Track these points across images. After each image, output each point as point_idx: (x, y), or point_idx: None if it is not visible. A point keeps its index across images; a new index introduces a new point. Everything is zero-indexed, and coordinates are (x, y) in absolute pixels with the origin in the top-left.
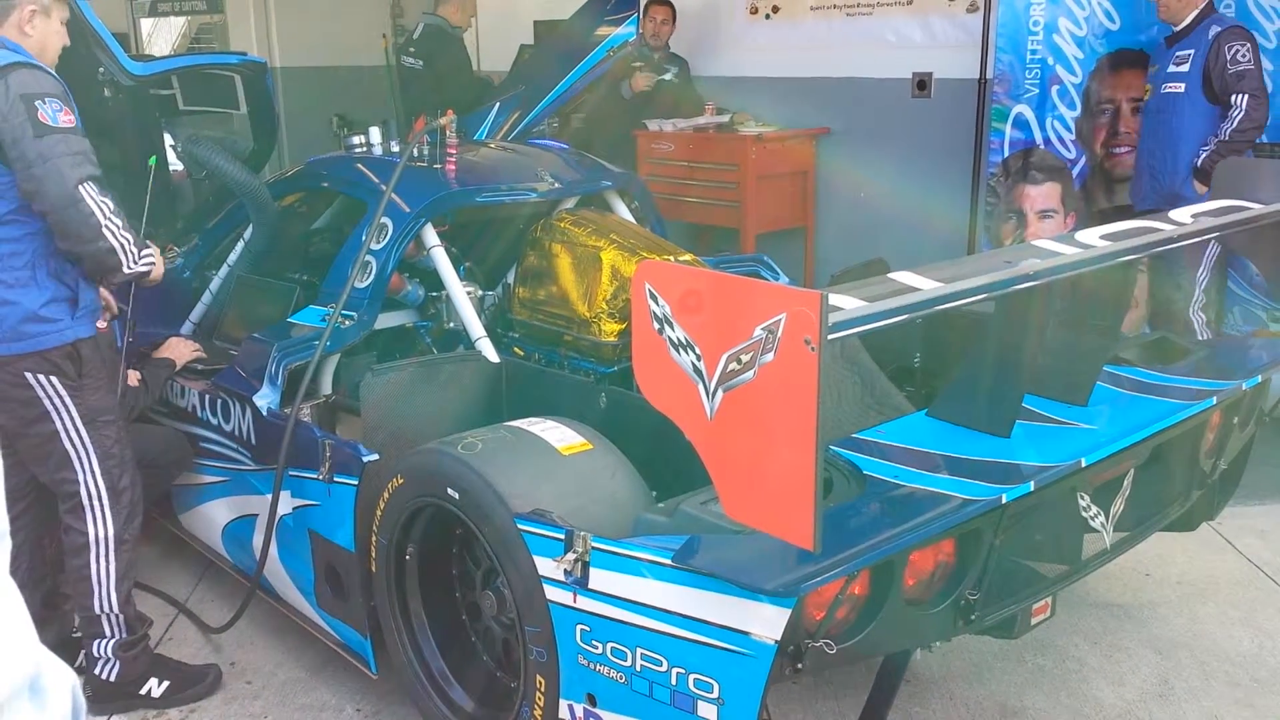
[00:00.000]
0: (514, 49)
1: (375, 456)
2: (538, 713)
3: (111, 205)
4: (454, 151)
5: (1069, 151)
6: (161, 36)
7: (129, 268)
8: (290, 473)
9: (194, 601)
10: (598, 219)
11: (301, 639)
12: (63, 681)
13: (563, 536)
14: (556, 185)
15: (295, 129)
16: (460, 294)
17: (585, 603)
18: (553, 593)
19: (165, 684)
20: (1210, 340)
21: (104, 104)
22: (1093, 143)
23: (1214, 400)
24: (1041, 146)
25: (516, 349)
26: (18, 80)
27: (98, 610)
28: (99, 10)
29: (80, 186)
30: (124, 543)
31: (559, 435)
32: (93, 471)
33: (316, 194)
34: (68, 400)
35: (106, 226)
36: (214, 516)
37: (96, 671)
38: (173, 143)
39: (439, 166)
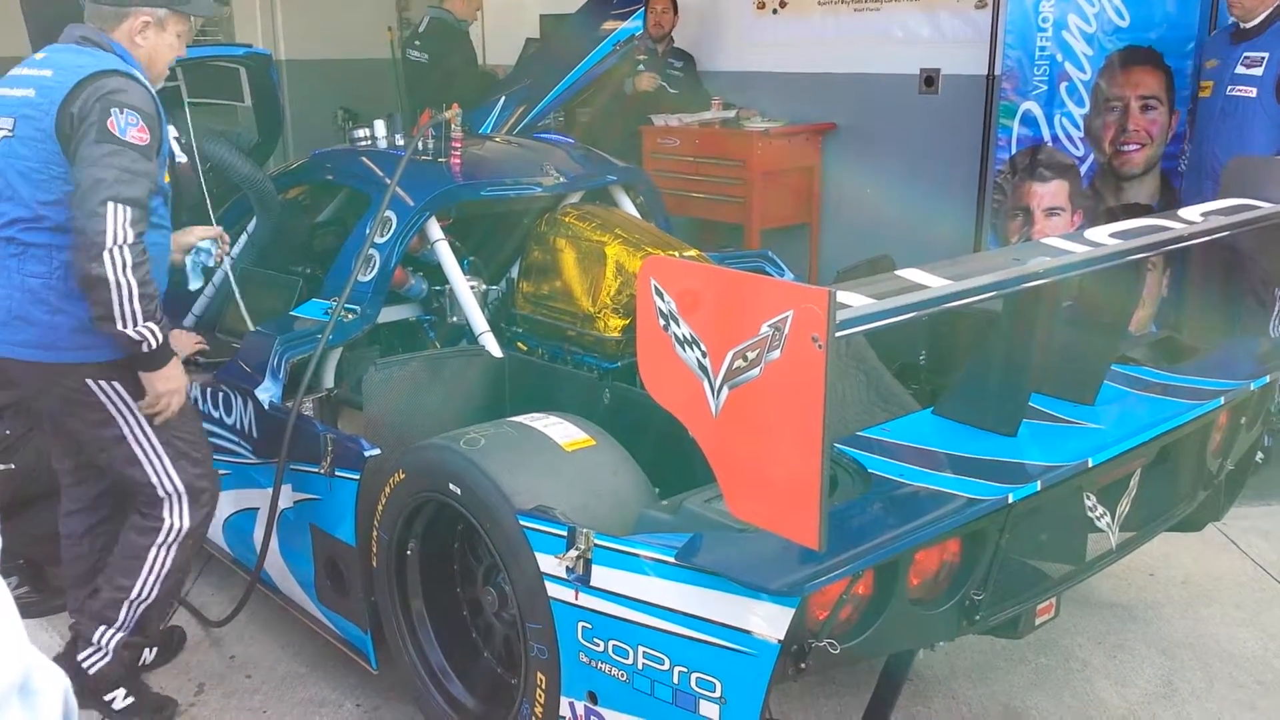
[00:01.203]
0: (520, 43)
1: (377, 451)
2: (538, 710)
3: (133, 241)
4: (459, 145)
5: (1077, 149)
6: None
7: (118, 322)
8: (292, 467)
9: (194, 595)
10: (603, 214)
11: (301, 634)
12: (54, 683)
13: (565, 533)
14: (561, 180)
15: (300, 122)
16: (464, 288)
17: (587, 600)
18: (554, 590)
19: (130, 699)
20: (1218, 341)
21: None
22: (1101, 141)
23: (1221, 400)
24: (1049, 144)
25: (520, 344)
26: (107, 85)
27: (133, 595)
28: None
29: (109, 203)
30: (190, 537)
31: (562, 431)
32: (166, 473)
33: (321, 187)
34: (131, 404)
35: (110, 252)
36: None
37: (79, 658)
38: (177, 135)
39: (444, 160)
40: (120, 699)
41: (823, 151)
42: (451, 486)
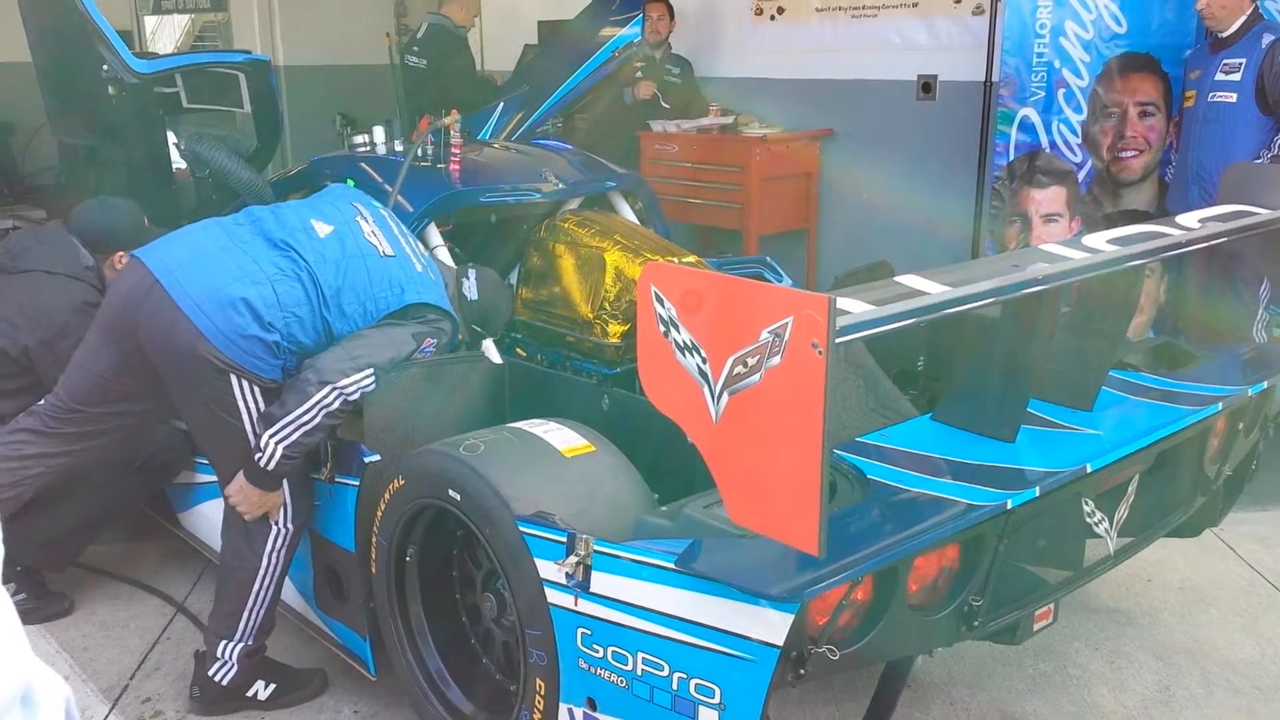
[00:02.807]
0: (518, 49)
1: (376, 457)
2: (537, 716)
3: (354, 397)
4: (458, 151)
5: (1075, 155)
6: (165, 34)
7: (273, 427)
8: None
9: (192, 601)
10: (602, 220)
11: (299, 639)
12: (56, 693)
13: (565, 539)
14: (560, 186)
15: (299, 128)
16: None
17: (586, 606)
18: (554, 596)
19: (272, 686)
20: (1216, 346)
21: (108, 101)
22: (1099, 147)
23: (1220, 406)
24: (1047, 150)
25: (519, 350)
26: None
27: (250, 604)
28: (103, 7)
29: (370, 368)
30: (296, 538)
31: (561, 437)
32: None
33: None
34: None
35: (335, 388)
36: (213, 516)
37: (210, 672)
38: (176, 141)
39: (443, 166)
40: (262, 690)
41: (821, 157)
42: (451, 492)
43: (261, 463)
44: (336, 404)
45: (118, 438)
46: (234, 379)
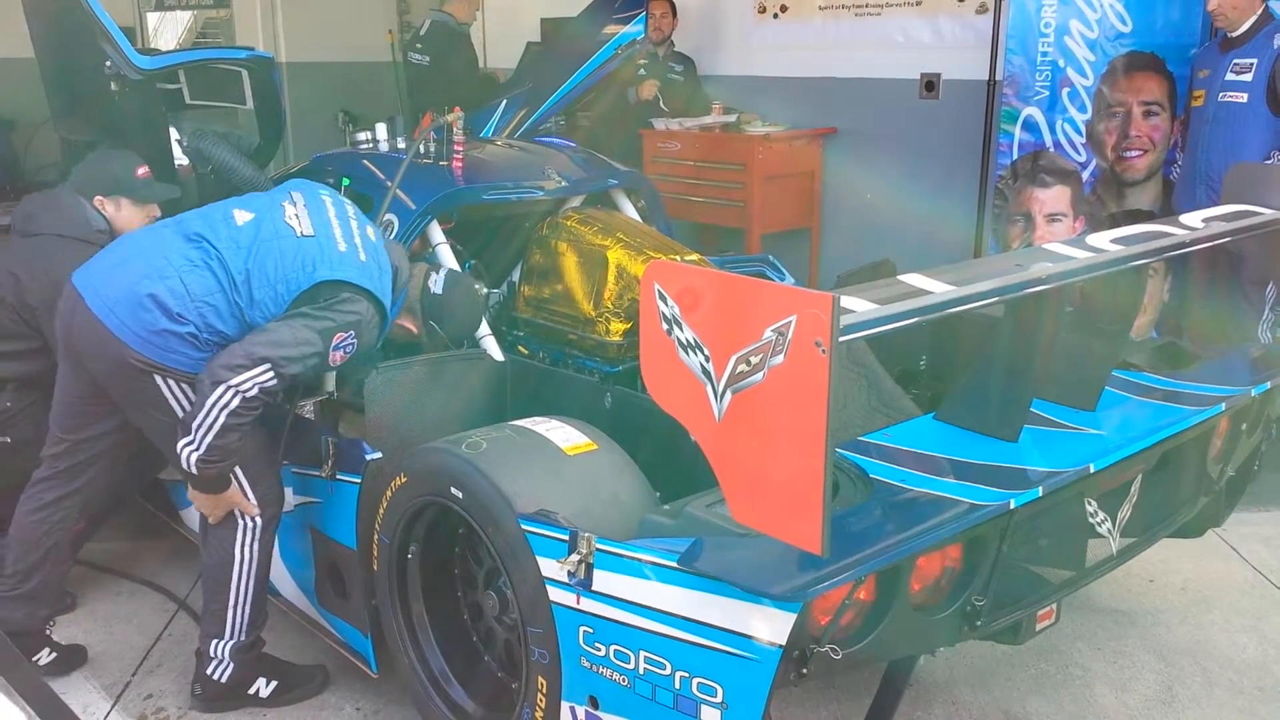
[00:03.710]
0: (521, 46)
1: (378, 455)
2: (539, 714)
3: (253, 396)
4: (460, 148)
5: (1079, 155)
6: (168, 31)
7: (187, 434)
8: (293, 470)
9: (194, 598)
10: (604, 218)
11: (302, 637)
12: None
13: (567, 538)
14: (563, 183)
15: (301, 124)
16: None
17: (589, 604)
18: (556, 594)
19: (273, 684)
20: (1219, 347)
21: (111, 98)
22: (1104, 146)
23: (1223, 406)
24: (1051, 149)
25: (521, 348)
26: None
27: (232, 599)
28: (106, 3)
29: (269, 361)
30: (267, 531)
31: (564, 435)
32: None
33: None
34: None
35: (230, 387)
36: None
37: (209, 671)
38: (178, 137)
39: (445, 163)
40: (264, 687)
41: (824, 156)
42: (453, 490)
43: (186, 471)
44: (235, 402)
45: (113, 457)
46: (158, 379)
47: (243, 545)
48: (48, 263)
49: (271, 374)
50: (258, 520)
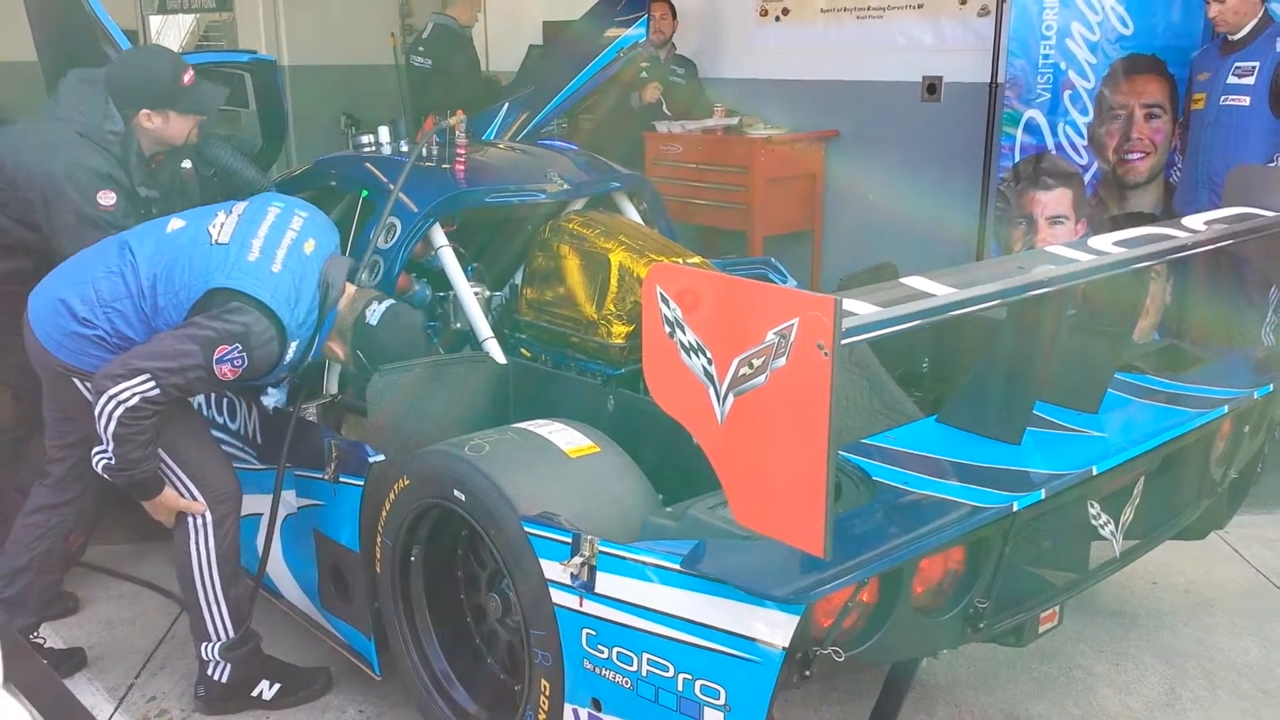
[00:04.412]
0: (523, 49)
1: (381, 457)
2: (542, 716)
3: (137, 405)
4: (463, 151)
5: (1081, 157)
6: (170, 34)
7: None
8: (296, 472)
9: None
10: (606, 220)
11: (304, 639)
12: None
13: (569, 540)
14: (565, 186)
15: (304, 128)
16: (468, 294)
17: (591, 607)
18: (559, 596)
19: (276, 686)
20: (1221, 349)
21: None
22: (1105, 149)
23: (1225, 409)
24: (1053, 152)
25: (524, 350)
26: None
27: (202, 599)
28: (109, 7)
29: (150, 371)
30: (220, 526)
31: (566, 438)
32: (167, 464)
33: (325, 193)
34: None
35: (113, 396)
36: None
37: (209, 673)
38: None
39: (448, 166)
40: (267, 689)
41: (825, 159)
42: (456, 493)
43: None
44: (119, 412)
45: None
46: (77, 383)
47: (195, 544)
48: (52, 155)
49: (152, 384)
50: (206, 517)
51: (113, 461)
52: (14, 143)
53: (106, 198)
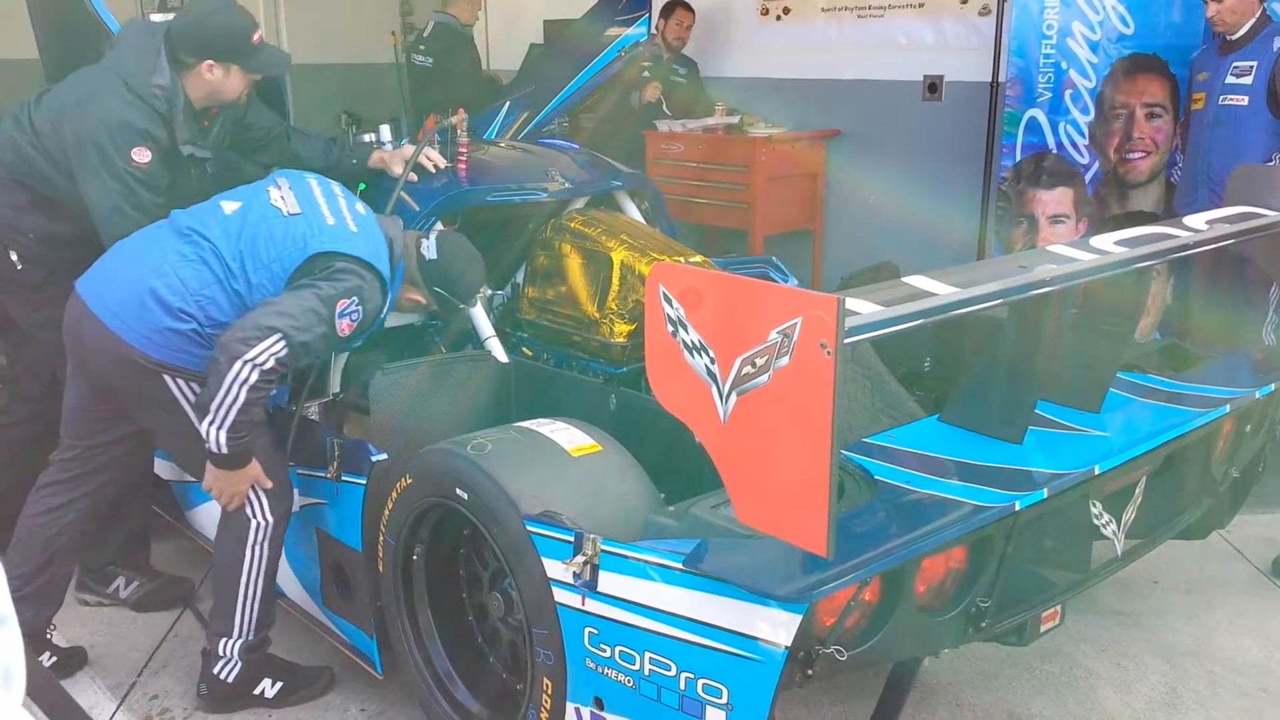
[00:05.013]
0: (524, 48)
1: (384, 456)
2: (544, 715)
3: (270, 368)
4: (464, 150)
5: (1082, 156)
6: None
7: (209, 416)
8: (299, 471)
9: (199, 598)
10: (608, 219)
11: (307, 638)
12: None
13: (572, 539)
14: (567, 185)
15: (305, 126)
16: None
17: (594, 606)
18: (561, 595)
19: (279, 684)
20: (1223, 348)
21: None
22: (1106, 148)
23: (1227, 408)
24: (1054, 151)
25: (525, 349)
26: None
27: (240, 598)
28: (110, 6)
29: (278, 331)
30: (277, 529)
31: (568, 437)
32: None
33: None
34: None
35: (246, 362)
36: (218, 514)
37: (215, 670)
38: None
39: (449, 165)
40: (269, 688)
41: (826, 157)
42: (458, 491)
43: (213, 450)
44: (254, 376)
45: (124, 463)
46: (167, 379)
47: (254, 544)
48: (90, 105)
49: (283, 343)
50: (270, 519)
51: (229, 429)
52: (64, 89)
53: (141, 154)
